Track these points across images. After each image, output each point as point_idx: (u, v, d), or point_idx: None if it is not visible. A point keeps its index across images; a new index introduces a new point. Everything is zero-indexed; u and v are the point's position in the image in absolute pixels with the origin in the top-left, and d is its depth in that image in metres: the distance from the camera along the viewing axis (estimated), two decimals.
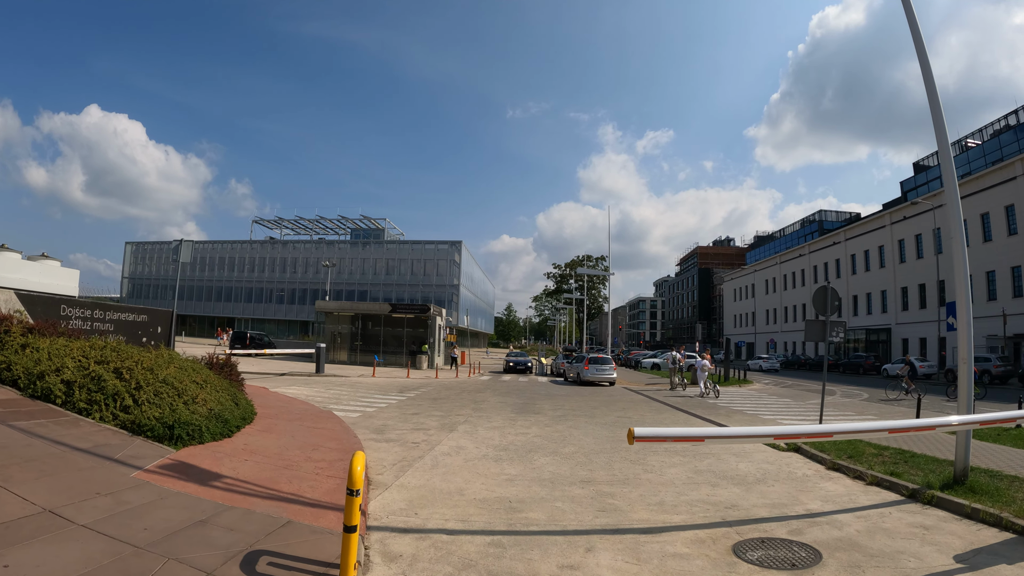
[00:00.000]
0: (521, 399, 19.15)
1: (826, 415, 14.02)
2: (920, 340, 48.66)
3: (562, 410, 16.14)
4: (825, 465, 9.30)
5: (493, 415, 14.33)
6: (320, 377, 24.56)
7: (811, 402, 21.09)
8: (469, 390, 21.86)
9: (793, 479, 8.33)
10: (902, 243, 51.76)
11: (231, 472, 7.03)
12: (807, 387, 29.08)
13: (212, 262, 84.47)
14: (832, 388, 27.41)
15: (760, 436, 5.51)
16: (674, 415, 15.93)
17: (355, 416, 13.13)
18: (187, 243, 20.96)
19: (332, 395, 17.49)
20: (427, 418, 13.26)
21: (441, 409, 15.26)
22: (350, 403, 15.69)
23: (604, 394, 22.32)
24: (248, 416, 10.81)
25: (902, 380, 23.91)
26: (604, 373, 27.22)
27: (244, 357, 35.42)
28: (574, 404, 17.95)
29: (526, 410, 15.90)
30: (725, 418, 15.35)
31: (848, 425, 6.80)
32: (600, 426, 12.90)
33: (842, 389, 27.59)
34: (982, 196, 41.78)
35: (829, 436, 6.53)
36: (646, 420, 14.50)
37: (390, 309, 39.88)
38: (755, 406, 18.89)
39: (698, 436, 4.21)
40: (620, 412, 16.05)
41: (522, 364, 37.98)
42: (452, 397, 18.78)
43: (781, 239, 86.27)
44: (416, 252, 75.50)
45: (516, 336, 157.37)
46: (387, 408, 14.97)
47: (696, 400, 20.42)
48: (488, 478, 7.67)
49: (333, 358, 39.57)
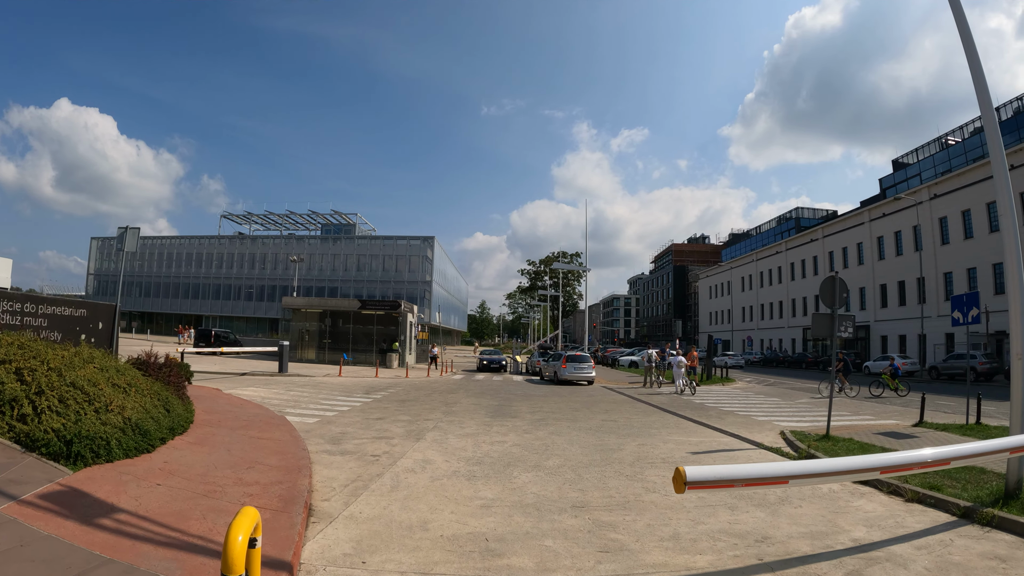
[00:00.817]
0: (496, 400, 17.75)
1: (817, 413, 12.93)
2: (899, 337, 48.37)
3: (541, 412, 14.82)
4: None
5: (466, 419, 12.92)
6: (283, 377, 22.89)
7: (800, 401, 20.08)
8: (440, 390, 20.39)
9: (819, 496, 7.07)
10: (881, 240, 51.45)
11: (132, 503, 5.52)
12: (791, 384, 28.16)
13: (179, 258, 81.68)
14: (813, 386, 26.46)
15: (860, 470, 4.04)
16: (663, 417, 14.66)
17: (312, 422, 11.61)
18: (132, 230, 19.26)
19: (291, 397, 15.91)
20: (392, 423, 11.78)
21: (409, 412, 13.80)
22: (309, 406, 14.15)
23: (583, 394, 21.04)
24: (180, 425, 9.24)
25: (835, 376, 22.96)
26: (583, 372, 26.15)
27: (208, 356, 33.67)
28: (553, 405, 16.62)
29: (502, 413, 14.52)
30: (718, 420, 14.14)
31: (964, 447, 5.37)
32: (585, 431, 11.57)
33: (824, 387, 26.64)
34: (963, 193, 41.47)
35: (946, 463, 5.18)
36: (633, 423, 13.20)
37: (359, 306, 38.18)
38: (744, 406, 17.74)
39: (778, 476, 2.73)
40: (604, 415, 14.77)
41: (496, 362, 36.58)
42: (422, 399, 17.31)
43: (757, 236, 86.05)
44: (388, 248, 73.61)
45: (490, 334, 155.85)
46: (349, 412, 13.46)
47: (681, 400, 19.22)
48: (459, 504, 6.24)
49: (301, 356, 37.86)
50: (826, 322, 11.30)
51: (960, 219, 42.56)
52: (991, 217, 39.00)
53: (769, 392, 23.41)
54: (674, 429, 12.47)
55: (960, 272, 42.11)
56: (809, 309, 61.35)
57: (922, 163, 55.58)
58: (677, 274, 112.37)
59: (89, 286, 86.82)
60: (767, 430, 12.63)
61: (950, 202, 42.91)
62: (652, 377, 25.98)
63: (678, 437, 11.29)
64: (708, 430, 12.51)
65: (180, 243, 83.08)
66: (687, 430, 12.41)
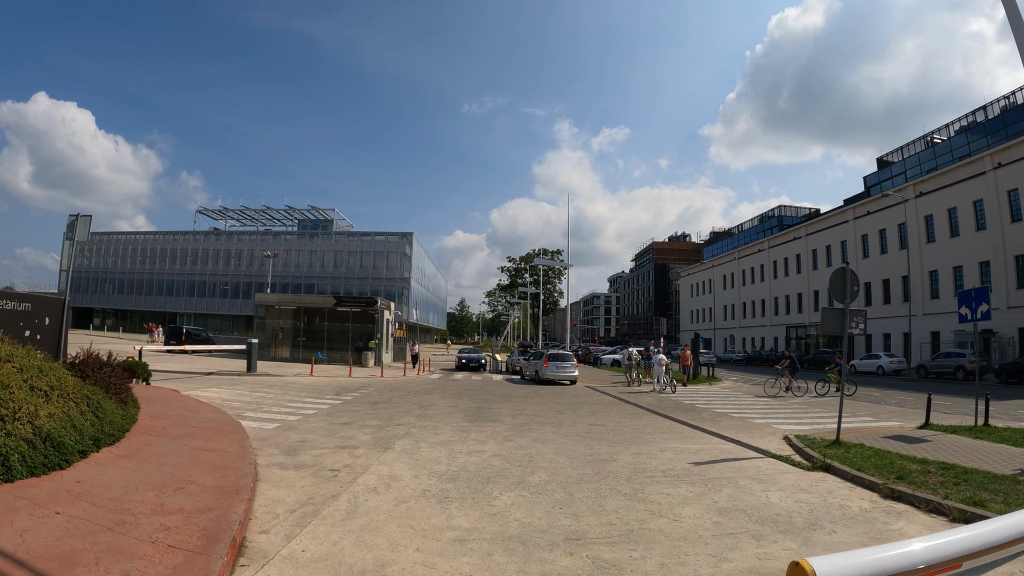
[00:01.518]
0: (475, 402, 16.61)
1: (814, 415, 12.15)
2: (884, 336, 48.04)
3: (523, 416, 13.73)
4: (880, 493, 7.08)
5: (441, 424, 11.78)
6: (251, 377, 21.58)
7: (793, 402, 19.22)
8: (416, 391, 19.24)
9: (852, 518, 6.06)
10: (866, 238, 51.14)
11: (11, 541, 4.31)
12: None
13: (153, 254, 79.47)
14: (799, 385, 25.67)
15: None
16: (654, 420, 13.64)
17: (270, 428, 10.41)
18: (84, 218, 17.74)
19: (255, 399, 14.67)
20: (359, 430, 10.59)
21: (379, 416, 12.63)
22: (272, 409, 12.93)
23: (567, 394, 20.01)
24: (112, 435, 7.99)
25: (782, 374, 22.31)
26: (565, 371, 25.11)
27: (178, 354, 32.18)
28: (536, 407, 15.57)
29: (481, 416, 13.40)
30: (713, 423, 13.16)
31: None
32: (572, 438, 10.49)
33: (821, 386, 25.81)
34: (950, 191, 41.16)
35: None
36: (624, 428, 12.17)
37: (335, 302, 36.85)
38: (737, 407, 16.82)
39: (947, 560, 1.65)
40: (591, 417, 13.72)
41: (475, 361, 35.49)
42: (395, 400, 16.13)
43: (739, 235, 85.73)
44: (366, 244, 72.11)
45: (469, 332, 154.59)
46: (315, 416, 12.26)
47: (670, 401, 18.22)
48: (427, 537, 5.08)
49: (275, 355, 36.50)
50: (836, 318, 10.35)
51: (946, 217, 42.24)
52: (977, 215, 38.70)
53: (759, 392, 22.53)
54: (669, 434, 11.44)
55: (946, 270, 41.80)
56: (792, 307, 61.06)
57: (907, 161, 55.36)
58: (658, 272, 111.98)
59: (62, 283, 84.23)
60: (768, 434, 11.66)
61: (936, 200, 42.58)
62: (633, 376, 25.64)
63: (675, 444, 10.26)
64: (705, 435, 11.51)
65: (155, 239, 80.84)
66: (683, 435, 11.39)
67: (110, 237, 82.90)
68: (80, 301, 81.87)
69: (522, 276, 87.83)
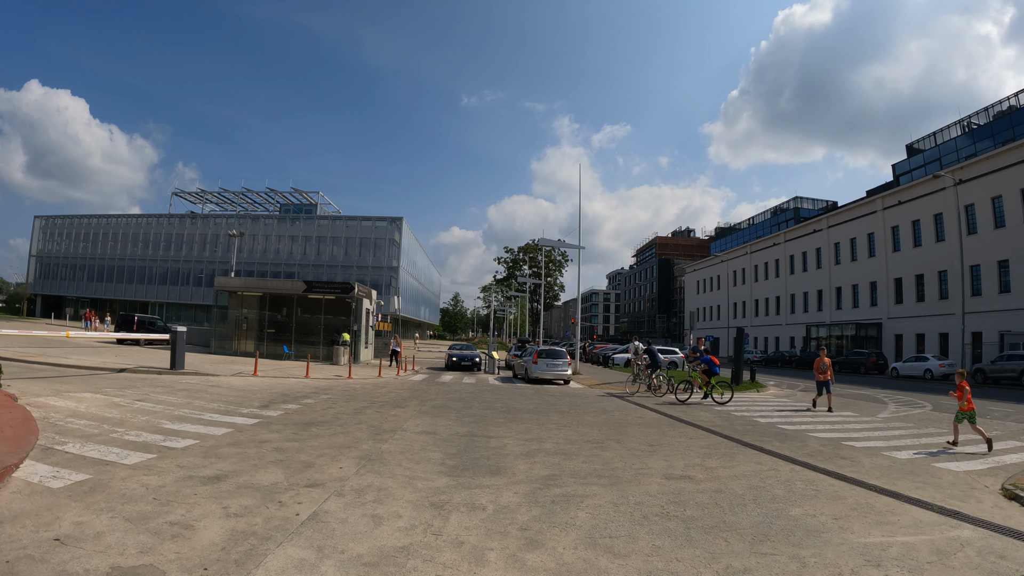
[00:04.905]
0: (464, 423, 11.09)
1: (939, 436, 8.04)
2: (917, 336, 43.29)
3: (543, 455, 8.41)
4: None
5: (398, 483, 6.48)
6: (169, 376, 16.54)
7: (882, 415, 14.53)
8: (383, 402, 14.04)
9: None
10: (896, 230, 46.36)
11: None
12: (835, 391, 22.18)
13: (124, 238, 74.06)
14: (864, 392, 20.94)
15: None
16: (758, 461, 8.63)
17: (58, 487, 5.50)
18: None
19: (124, 415, 9.61)
20: (227, 499, 5.51)
21: (294, 459, 7.36)
22: (125, 436, 7.89)
23: (591, 408, 14.96)
24: None
25: (640, 372, 20.35)
26: (556, 369, 22.65)
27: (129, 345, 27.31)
28: (557, 435, 10.34)
29: (472, 460, 7.88)
30: (851, 464, 8.28)
31: None
32: (658, 527, 5.57)
33: (884, 394, 21.05)
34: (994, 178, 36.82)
35: None
36: (727, 484, 7.14)
37: (305, 288, 31.76)
38: (831, 426, 11.89)
39: None
40: (653, 457, 8.55)
41: (468, 359, 30.08)
42: (343, 419, 10.87)
43: (750, 228, 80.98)
44: (351, 229, 66.85)
45: (463, 328, 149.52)
46: (181, 453, 7.16)
47: (738, 419, 13.27)
48: None
49: (237, 349, 31.53)
50: None
51: (990, 206, 37.60)
52: None
53: (821, 401, 17.47)
54: (821, 499, 6.41)
55: (990, 265, 37.22)
56: (811, 305, 56.38)
57: (942, 147, 50.63)
58: (662, 268, 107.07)
59: (31, 270, 78.80)
60: (950, 483, 6.90)
61: (979, 188, 37.90)
62: (643, 378, 20.51)
63: (864, 534, 5.31)
64: (871, 493, 6.64)
65: (127, 222, 75.49)
66: (837, 496, 6.50)
67: (82, 221, 77.57)
68: (53, 288, 76.55)
69: (520, 268, 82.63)
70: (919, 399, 20.30)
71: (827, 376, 15.35)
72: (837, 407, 16.28)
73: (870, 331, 47.31)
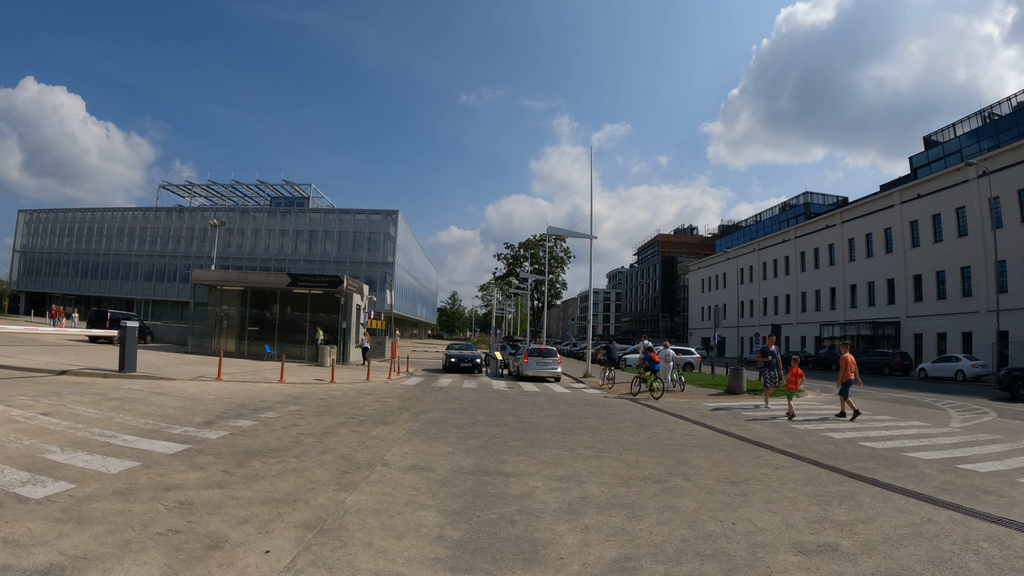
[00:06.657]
0: (471, 453, 8.13)
1: None
2: (938, 335, 41.07)
3: (600, 515, 5.37)
4: None
5: None
6: (113, 380, 14.05)
7: (955, 424, 12.14)
8: (365, 416, 11.47)
9: None
10: (915, 224, 44.10)
11: None
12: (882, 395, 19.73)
13: (110, 232, 71.40)
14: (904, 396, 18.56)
15: None
16: (887, 499, 6.35)
17: None
18: None
19: (18, 433, 7.18)
20: None
21: (208, 522, 4.77)
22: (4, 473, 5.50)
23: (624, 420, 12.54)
24: None
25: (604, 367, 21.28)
26: (548, 368, 24.18)
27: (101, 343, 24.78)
28: (608, 469, 7.73)
29: (488, 526, 4.92)
30: (978, 500, 5.94)
31: None
32: None
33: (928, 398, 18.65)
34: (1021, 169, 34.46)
35: None
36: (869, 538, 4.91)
37: (289, 281, 29.27)
38: (917, 443, 9.42)
39: None
40: (770, 510, 6.11)
41: (469, 360, 27.00)
42: (308, 443, 8.20)
43: (756, 225, 78.55)
44: (345, 223, 64.22)
45: (461, 328, 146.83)
46: (40, 507, 4.75)
47: (806, 432, 10.82)
48: None
49: (216, 348, 28.88)
50: None
51: (1016, 199, 35.36)
52: None
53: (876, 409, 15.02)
54: None
55: (1016, 260, 35.00)
56: (824, 303, 54.08)
57: (962, 139, 48.28)
58: (665, 266, 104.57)
59: (14, 265, 76.11)
60: None
61: (1003, 180, 35.51)
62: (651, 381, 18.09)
63: None
64: None
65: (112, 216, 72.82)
66: None
67: (67, 215, 74.92)
68: (37, 285, 73.91)
69: (521, 264, 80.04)
70: (971, 403, 17.99)
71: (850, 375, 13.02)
72: (895, 415, 13.96)
73: (887, 330, 45.01)
